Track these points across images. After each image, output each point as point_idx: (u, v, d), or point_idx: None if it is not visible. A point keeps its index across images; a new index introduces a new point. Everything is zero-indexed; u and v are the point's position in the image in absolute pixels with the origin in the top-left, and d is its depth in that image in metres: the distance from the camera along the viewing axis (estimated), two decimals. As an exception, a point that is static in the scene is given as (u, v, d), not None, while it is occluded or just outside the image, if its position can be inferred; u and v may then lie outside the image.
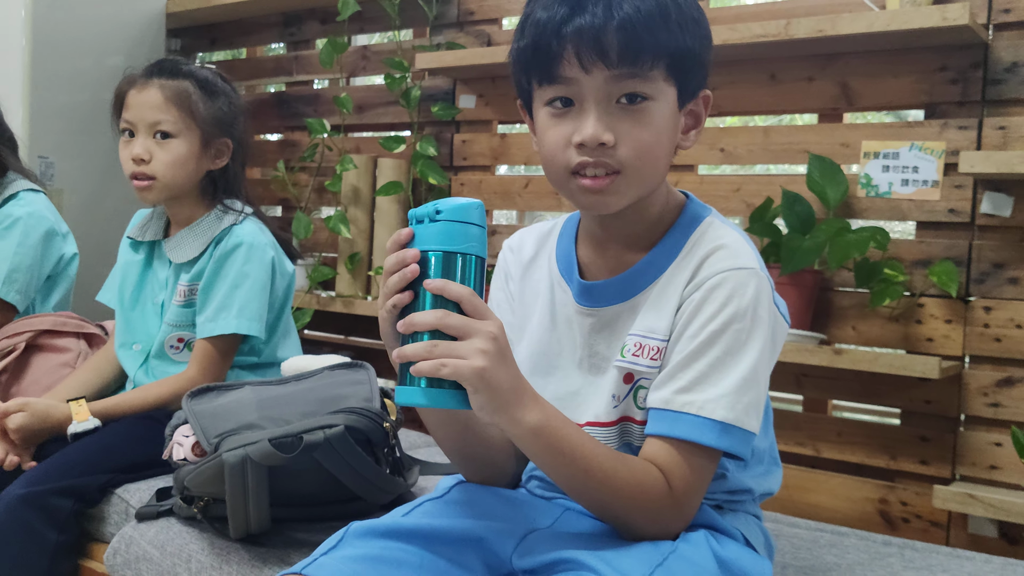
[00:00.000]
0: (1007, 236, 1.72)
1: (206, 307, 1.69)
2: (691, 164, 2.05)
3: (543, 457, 0.94)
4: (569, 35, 0.95)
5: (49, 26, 2.53)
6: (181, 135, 1.69)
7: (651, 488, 0.95)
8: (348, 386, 1.44)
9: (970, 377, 1.74)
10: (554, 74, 0.97)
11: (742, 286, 0.97)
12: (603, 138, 0.96)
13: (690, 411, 0.96)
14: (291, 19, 2.81)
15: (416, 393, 0.90)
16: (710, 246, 1.01)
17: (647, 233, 1.05)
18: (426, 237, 0.91)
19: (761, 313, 0.98)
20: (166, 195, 1.71)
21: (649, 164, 0.99)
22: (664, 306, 1.01)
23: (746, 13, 2.04)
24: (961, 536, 1.75)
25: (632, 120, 0.97)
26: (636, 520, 0.97)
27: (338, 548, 0.98)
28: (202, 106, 1.71)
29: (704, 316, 0.97)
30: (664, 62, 0.97)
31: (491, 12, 2.39)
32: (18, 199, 2.00)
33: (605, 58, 0.94)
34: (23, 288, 1.95)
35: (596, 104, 0.96)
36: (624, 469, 0.95)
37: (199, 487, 1.32)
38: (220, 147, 1.75)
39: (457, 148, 2.43)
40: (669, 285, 1.02)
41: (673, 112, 1.00)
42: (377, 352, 2.59)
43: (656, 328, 1.01)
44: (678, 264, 1.02)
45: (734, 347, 0.96)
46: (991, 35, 1.73)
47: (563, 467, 0.94)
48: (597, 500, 0.97)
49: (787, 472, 1.91)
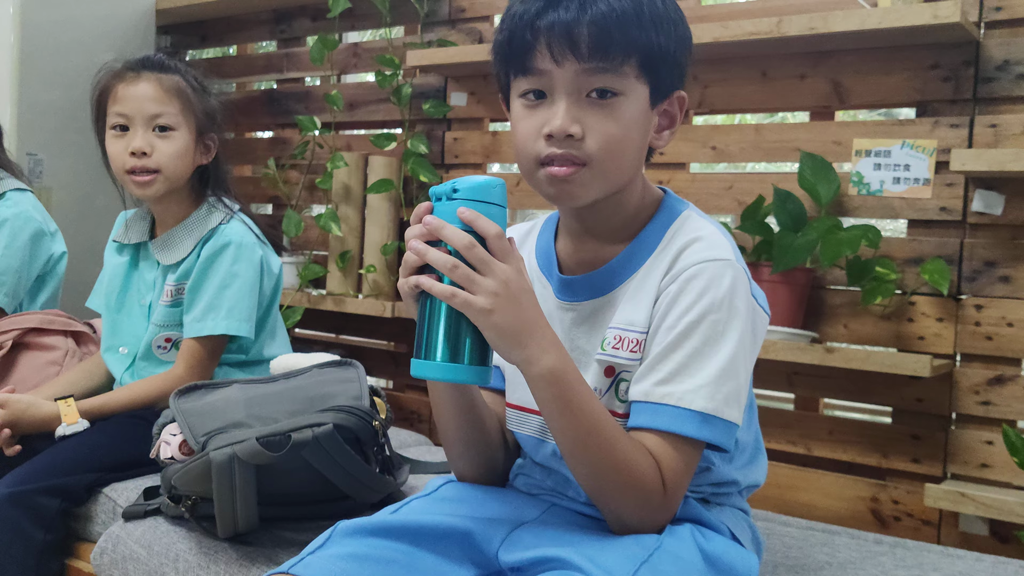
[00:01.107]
0: (998, 234, 1.72)
1: (194, 306, 1.67)
2: (683, 162, 2.05)
3: (552, 405, 0.94)
4: (542, 28, 0.96)
5: (38, 23, 2.51)
6: (180, 128, 1.69)
7: (646, 470, 0.95)
8: (337, 384, 1.43)
9: (961, 375, 1.74)
10: (527, 66, 0.98)
11: (718, 277, 0.98)
12: (571, 130, 0.97)
13: (669, 402, 0.96)
14: (282, 16, 2.80)
15: (433, 367, 0.91)
16: (686, 238, 1.02)
17: (624, 227, 1.06)
18: (444, 215, 0.92)
19: (738, 304, 0.98)
20: (167, 188, 1.69)
21: (615, 158, 0.99)
22: (642, 299, 1.01)
23: (738, 10, 2.04)
24: (952, 534, 1.75)
25: (601, 114, 0.98)
26: (627, 502, 0.97)
27: (326, 547, 0.97)
28: (198, 101, 1.72)
29: (680, 307, 0.98)
30: (636, 59, 0.98)
31: (482, 9, 2.38)
32: (5, 200, 1.99)
33: (576, 51, 0.96)
34: (11, 291, 1.95)
35: (566, 96, 0.97)
36: (626, 442, 0.95)
37: (186, 486, 1.31)
38: (208, 142, 1.75)
39: (448, 146, 2.42)
40: (647, 278, 1.02)
41: (644, 110, 1.01)
42: (367, 350, 2.59)
43: (635, 321, 1.01)
44: (656, 257, 1.03)
45: (711, 338, 0.97)
46: (983, 33, 1.73)
47: (570, 422, 0.94)
48: (595, 469, 0.96)
49: (778, 470, 1.91)
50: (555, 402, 0.93)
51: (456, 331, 0.91)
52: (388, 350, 2.56)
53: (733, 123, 2.15)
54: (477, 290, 0.89)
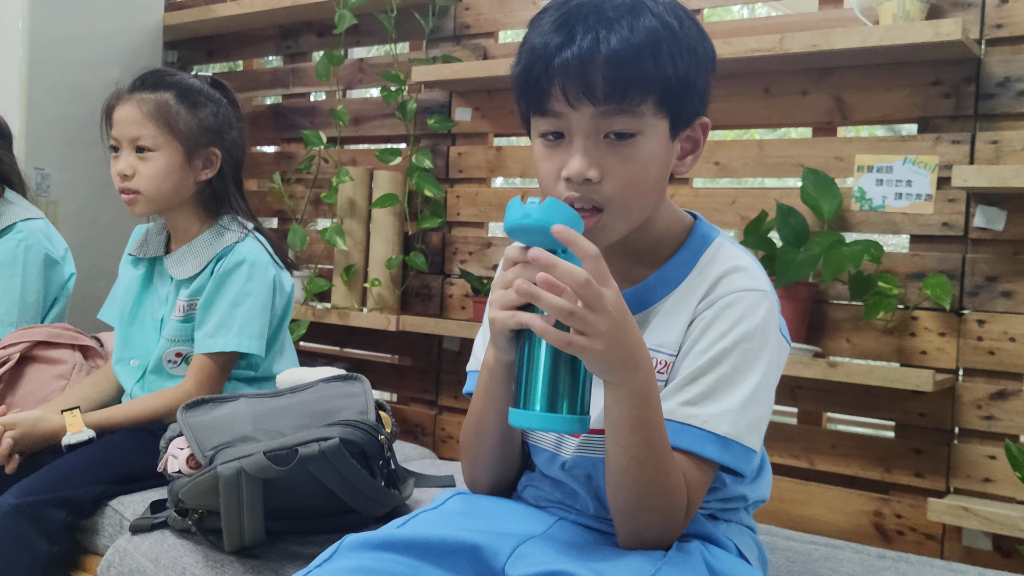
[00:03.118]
0: (1000, 250, 1.73)
1: (206, 323, 1.68)
2: (686, 177, 2.06)
3: (626, 424, 0.92)
4: (557, 69, 0.95)
5: (46, 38, 2.53)
6: (160, 149, 1.69)
7: (682, 494, 0.96)
8: (343, 398, 1.44)
9: (964, 390, 1.75)
10: (544, 108, 0.98)
11: (754, 307, 0.99)
12: (588, 174, 0.96)
13: (694, 423, 0.97)
14: (288, 32, 2.82)
15: (533, 417, 0.90)
16: (726, 266, 1.02)
17: (653, 250, 1.06)
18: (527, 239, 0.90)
19: (769, 335, 0.99)
20: (153, 208, 1.71)
21: (635, 199, 0.99)
22: (675, 321, 1.02)
23: (741, 27, 2.05)
24: (956, 549, 1.75)
25: (619, 156, 0.97)
26: (656, 520, 0.96)
27: (332, 560, 0.98)
28: (184, 117, 1.70)
29: (715, 333, 0.98)
30: (654, 97, 0.96)
31: (487, 26, 2.40)
32: (15, 231, 2.01)
33: (591, 95, 0.95)
34: (31, 322, 2.00)
35: (584, 139, 0.97)
36: (675, 468, 0.95)
37: (194, 499, 1.32)
38: (208, 157, 1.74)
39: (453, 160, 2.43)
40: (681, 301, 1.03)
41: (664, 143, 1.00)
42: (371, 364, 2.60)
43: (665, 342, 1.02)
44: (690, 281, 1.03)
45: (742, 365, 0.97)
46: (983, 50, 1.74)
47: (639, 439, 0.92)
48: (645, 487, 0.94)
49: (782, 484, 1.91)
50: (631, 420, 0.92)
51: (555, 379, 0.89)
52: (392, 363, 2.57)
53: (736, 139, 2.17)
54: (592, 331, 0.85)
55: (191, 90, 1.73)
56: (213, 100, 1.76)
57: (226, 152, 1.76)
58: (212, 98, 1.76)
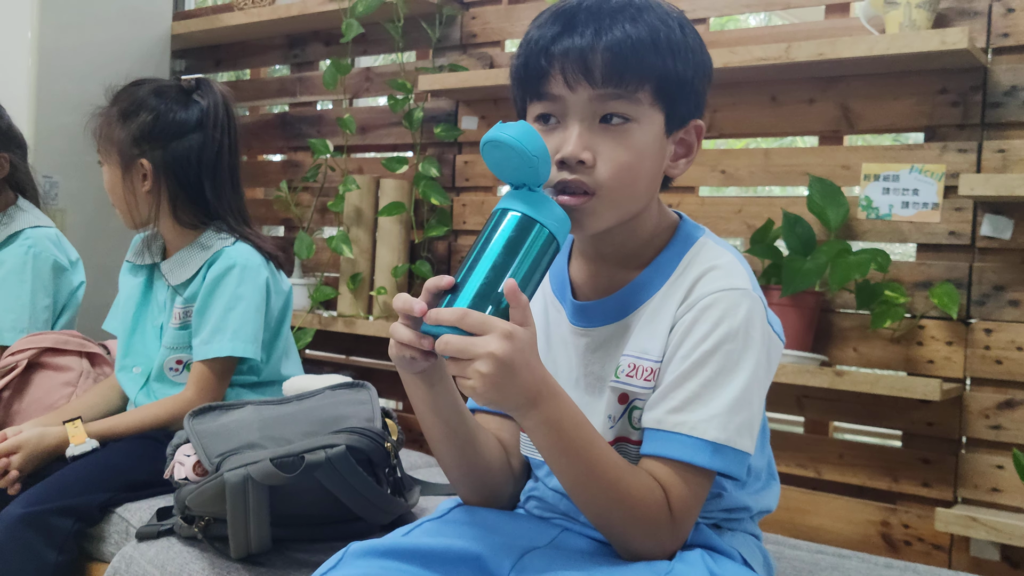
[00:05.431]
0: (1007, 258, 1.72)
1: (201, 329, 1.68)
2: (692, 186, 2.06)
3: (549, 451, 0.94)
4: (557, 54, 0.97)
5: (55, 47, 2.55)
6: (106, 164, 1.75)
7: (653, 503, 0.95)
8: (350, 406, 1.44)
9: (971, 399, 1.74)
10: (541, 91, 0.99)
11: (734, 307, 0.98)
12: (581, 156, 0.97)
13: (682, 431, 0.96)
14: (295, 41, 2.84)
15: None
16: (703, 267, 1.01)
17: (639, 253, 1.06)
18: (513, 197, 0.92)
19: (753, 334, 0.98)
20: (129, 222, 1.76)
21: (626, 186, 0.99)
22: (657, 327, 1.01)
23: (747, 36, 2.05)
24: (963, 559, 1.74)
25: (613, 140, 0.98)
26: (634, 534, 0.97)
27: (338, 568, 0.97)
28: (116, 130, 1.71)
29: (696, 337, 0.98)
30: (651, 85, 0.98)
31: (493, 35, 2.41)
32: (23, 237, 2.01)
33: (590, 76, 0.96)
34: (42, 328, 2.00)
35: (579, 122, 0.98)
36: (631, 479, 0.95)
37: (200, 506, 1.32)
38: (139, 170, 1.70)
39: (459, 169, 2.44)
40: (662, 306, 1.02)
41: (658, 137, 1.01)
42: (379, 372, 2.60)
43: (649, 349, 1.01)
44: (671, 284, 1.02)
45: (726, 367, 0.96)
46: (990, 59, 1.74)
47: (570, 463, 0.94)
48: (599, 505, 0.96)
49: (788, 494, 1.91)
50: (551, 447, 0.93)
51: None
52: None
53: (742, 147, 2.17)
54: (469, 374, 0.87)
55: (132, 99, 1.72)
56: (150, 107, 1.69)
57: (160, 162, 1.69)
58: (149, 106, 1.70)
